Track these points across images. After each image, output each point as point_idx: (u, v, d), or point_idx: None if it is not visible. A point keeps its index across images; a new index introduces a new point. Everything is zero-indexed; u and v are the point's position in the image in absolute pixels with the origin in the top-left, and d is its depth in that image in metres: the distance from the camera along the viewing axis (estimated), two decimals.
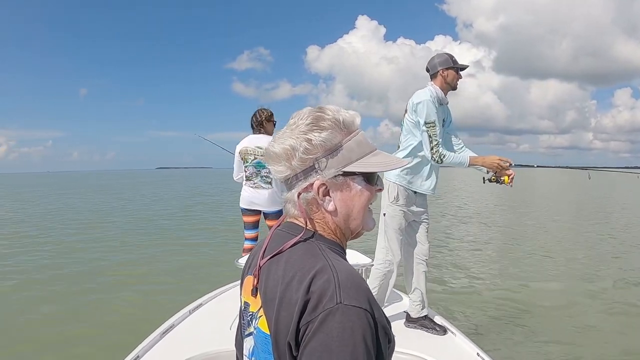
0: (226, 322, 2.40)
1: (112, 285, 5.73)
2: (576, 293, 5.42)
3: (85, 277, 6.17)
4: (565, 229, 11.24)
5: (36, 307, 4.83)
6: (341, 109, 0.84)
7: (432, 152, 2.64)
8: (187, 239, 9.55)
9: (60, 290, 5.49)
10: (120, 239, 9.50)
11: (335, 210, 0.82)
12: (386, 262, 2.76)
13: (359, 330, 0.67)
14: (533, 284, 5.84)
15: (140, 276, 6.27)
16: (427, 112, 2.64)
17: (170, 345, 2.12)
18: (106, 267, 6.81)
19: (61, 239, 9.51)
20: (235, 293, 3.02)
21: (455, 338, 2.41)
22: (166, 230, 11.02)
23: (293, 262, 0.78)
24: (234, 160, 4.02)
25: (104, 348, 3.68)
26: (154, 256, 7.69)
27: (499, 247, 8.66)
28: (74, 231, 10.70)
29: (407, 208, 2.75)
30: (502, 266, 6.90)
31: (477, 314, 4.59)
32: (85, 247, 8.49)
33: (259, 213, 4.03)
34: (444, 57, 2.79)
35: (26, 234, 10.28)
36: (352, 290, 0.70)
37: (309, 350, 0.67)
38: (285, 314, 0.72)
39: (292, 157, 0.80)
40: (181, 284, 5.74)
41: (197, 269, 6.71)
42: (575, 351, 3.70)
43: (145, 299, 5.17)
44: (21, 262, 7.16)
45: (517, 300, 5.10)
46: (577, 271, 6.60)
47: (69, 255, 7.76)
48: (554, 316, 4.55)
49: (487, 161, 2.69)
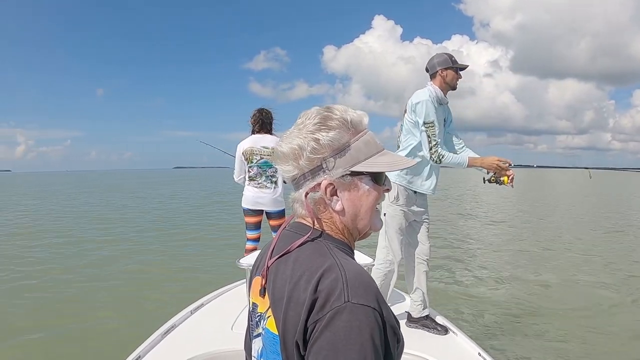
0: (228, 322, 2.40)
1: (112, 285, 5.73)
2: (580, 294, 5.43)
3: (85, 276, 6.16)
4: (571, 228, 11.25)
5: (35, 307, 4.82)
6: (349, 109, 0.83)
7: (431, 152, 2.64)
8: (188, 239, 9.54)
9: (59, 290, 5.48)
10: (121, 238, 9.49)
11: (343, 210, 0.82)
12: (387, 262, 2.76)
13: (367, 328, 0.66)
14: (534, 284, 5.85)
15: (140, 276, 6.27)
16: (426, 112, 2.65)
17: (172, 345, 2.12)
18: (106, 267, 6.80)
19: (63, 238, 9.50)
20: (237, 293, 3.02)
21: (456, 338, 2.41)
22: (169, 229, 11.01)
23: (301, 262, 0.77)
24: (234, 161, 4.01)
25: (105, 348, 3.67)
26: (154, 256, 7.69)
27: (501, 247, 8.66)
28: (74, 231, 10.69)
29: (407, 208, 2.76)
30: (505, 266, 6.90)
31: (479, 314, 4.59)
32: (87, 246, 8.48)
33: (262, 213, 4.02)
34: (443, 57, 2.80)
35: (26, 230, 10.28)
36: (360, 289, 0.69)
37: (316, 349, 0.67)
38: (293, 313, 0.72)
39: (300, 156, 0.80)
40: (182, 284, 5.75)
41: (198, 268, 6.71)
42: (577, 351, 3.70)
43: (146, 298, 5.16)
44: (18, 259, 7.15)
45: (519, 300, 5.11)
46: (581, 272, 6.59)
47: (68, 255, 7.75)
48: (557, 317, 4.55)
49: (486, 162, 2.70)
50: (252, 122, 3.92)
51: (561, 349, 3.74)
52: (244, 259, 2.81)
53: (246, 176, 3.95)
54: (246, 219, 4.04)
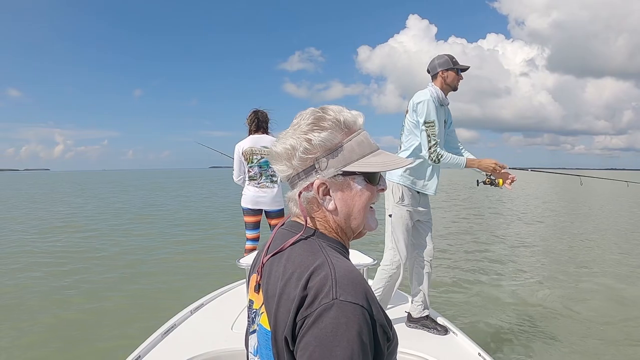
0: (228, 322, 2.41)
1: (112, 285, 5.74)
2: (581, 294, 5.41)
3: (84, 276, 6.18)
4: (577, 231, 11.22)
5: (34, 307, 4.84)
6: (344, 109, 0.84)
7: (430, 151, 2.66)
8: (190, 239, 9.55)
9: (59, 290, 5.50)
10: (123, 238, 9.51)
11: (336, 209, 0.83)
12: (393, 263, 2.76)
13: (354, 326, 0.66)
14: (536, 284, 5.84)
15: (141, 276, 6.28)
16: (427, 111, 2.66)
17: (172, 345, 2.12)
18: (106, 266, 6.82)
19: (63, 237, 9.53)
20: (237, 293, 3.03)
21: (456, 338, 2.41)
22: (172, 229, 11.03)
23: (293, 259, 0.79)
24: (233, 162, 4.03)
25: (105, 348, 3.68)
26: (155, 255, 7.70)
27: (504, 247, 8.63)
28: (76, 229, 10.72)
29: (413, 208, 2.77)
30: (507, 266, 6.89)
31: (480, 315, 4.58)
32: (88, 246, 8.50)
33: (261, 213, 4.05)
34: (443, 58, 2.81)
35: (14, 228, 10.32)
36: (349, 287, 0.70)
37: (304, 345, 0.68)
38: (284, 309, 0.73)
39: (293, 156, 0.82)
40: (183, 284, 5.75)
41: (199, 268, 6.71)
42: (577, 352, 3.69)
43: (146, 298, 5.17)
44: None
45: (519, 301, 5.10)
46: (587, 274, 6.57)
47: (69, 253, 7.78)
48: (558, 317, 4.54)
49: (483, 164, 2.73)
50: (248, 123, 3.98)
51: (561, 349, 3.73)
52: (243, 259, 2.82)
53: (246, 176, 3.99)
54: (245, 218, 4.08)
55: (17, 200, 22.11)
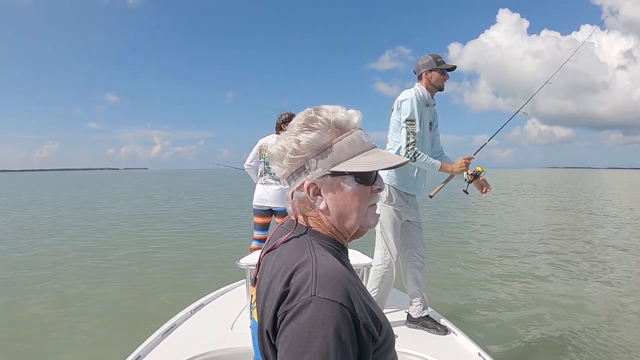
0: (228, 322, 2.41)
1: (112, 284, 5.74)
2: (582, 295, 5.39)
3: (84, 275, 6.19)
4: (590, 230, 11.19)
5: (33, 306, 4.84)
6: (339, 109, 0.85)
7: (407, 148, 2.66)
8: (190, 238, 9.56)
9: (58, 289, 5.50)
10: (124, 238, 9.53)
11: (327, 209, 0.84)
12: (385, 262, 2.77)
13: (331, 323, 0.67)
14: (535, 284, 5.82)
15: (141, 275, 6.28)
16: (411, 109, 2.69)
17: (172, 345, 2.13)
18: (106, 266, 6.83)
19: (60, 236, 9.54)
20: (237, 293, 3.03)
21: (456, 338, 2.41)
22: (174, 228, 11.04)
23: (282, 256, 0.81)
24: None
25: (105, 348, 3.68)
26: (155, 255, 7.71)
27: (506, 247, 8.61)
28: (76, 230, 10.73)
29: (400, 208, 2.78)
30: (508, 267, 6.87)
31: (480, 315, 4.57)
32: (90, 245, 8.51)
33: (270, 215, 4.18)
34: (427, 59, 2.83)
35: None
36: (329, 284, 0.71)
37: (283, 339, 0.69)
38: (269, 304, 0.76)
39: (283, 157, 0.84)
40: (183, 284, 5.75)
41: (199, 268, 6.72)
42: (576, 353, 3.68)
43: (146, 298, 5.17)
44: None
45: (520, 301, 5.08)
46: (588, 275, 6.55)
47: (68, 253, 7.79)
48: (558, 317, 4.52)
49: (456, 166, 2.78)
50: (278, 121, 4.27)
51: (561, 349, 3.72)
52: (243, 258, 2.82)
53: (254, 169, 4.29)
54: (255, 218, 4.23)
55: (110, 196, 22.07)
